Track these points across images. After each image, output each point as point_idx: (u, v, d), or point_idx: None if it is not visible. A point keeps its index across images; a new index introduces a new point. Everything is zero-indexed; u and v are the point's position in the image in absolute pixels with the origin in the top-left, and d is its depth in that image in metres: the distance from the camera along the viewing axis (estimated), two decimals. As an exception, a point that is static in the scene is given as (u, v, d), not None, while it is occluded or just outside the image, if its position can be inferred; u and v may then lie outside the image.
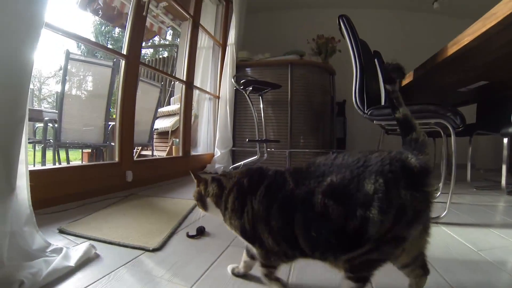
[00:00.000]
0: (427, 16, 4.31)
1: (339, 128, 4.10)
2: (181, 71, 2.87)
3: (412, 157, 0.58)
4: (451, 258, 1.02)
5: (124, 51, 1.99)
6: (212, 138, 3.48)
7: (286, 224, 0.64)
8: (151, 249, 1.01)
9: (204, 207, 0.79)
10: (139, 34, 2.06)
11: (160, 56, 6.65)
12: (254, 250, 0.73)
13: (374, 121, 1.70)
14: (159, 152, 3.71)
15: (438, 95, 2.70)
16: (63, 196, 1.54)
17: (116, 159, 1.95)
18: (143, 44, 2.29)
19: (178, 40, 5.05)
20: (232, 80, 3.13)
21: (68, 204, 1.56)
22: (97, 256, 0.96)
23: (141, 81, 2.74)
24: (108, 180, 1.86)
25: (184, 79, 2.80)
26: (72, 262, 0.88)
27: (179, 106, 3.82)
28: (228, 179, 0.77)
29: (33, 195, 0.96)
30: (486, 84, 2.09)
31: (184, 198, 1.86)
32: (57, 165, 2.45)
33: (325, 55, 3.78)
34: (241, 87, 2.88)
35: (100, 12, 5.21)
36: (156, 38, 6.48)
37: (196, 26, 2.92)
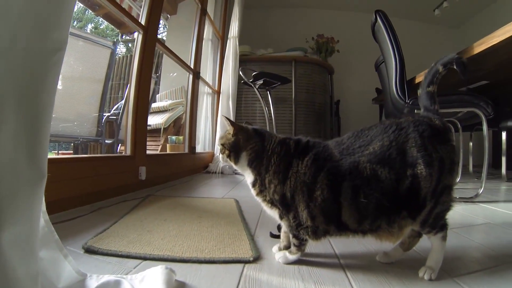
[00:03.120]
0: (426, 26, 4.27)
1: (335, 129, 3.90)
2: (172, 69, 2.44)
3: (436, 119, 0.64)
4: None
5: (143, 21, 1.52)
6: (211, 136, 3.05)
7: (331, 194, 0.60)
8: (251, 259, 0.69)
9: (236, 159, 0.68)
10: (158, 4, 1.63)
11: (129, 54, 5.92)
12: (282, 222, 0.67)
13: (416, 110, 1.64)
14: (149, 151, 3.19)
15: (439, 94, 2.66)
16: (70, 198, 1.08)
17: (129, 152, 1.50)
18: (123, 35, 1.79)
19: (164, 36, 4.51)
20: (240, 72, 2.77)
21: (78, 209, 1.09)
22: (182, 285, 0.58)
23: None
24: (121, 178, 1.38)
25: (192, 67, 2.37)
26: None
27: (170, 102, 3.39)
28: (270, 137, 0.68)
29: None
30: (486, 84, 2.15)
31: (217, 197, 1.47)
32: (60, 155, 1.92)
33: (325, 54, 3.60)
34: (251, 80, 2.53)
35: None
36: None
37: (204, 13, 2.52)
